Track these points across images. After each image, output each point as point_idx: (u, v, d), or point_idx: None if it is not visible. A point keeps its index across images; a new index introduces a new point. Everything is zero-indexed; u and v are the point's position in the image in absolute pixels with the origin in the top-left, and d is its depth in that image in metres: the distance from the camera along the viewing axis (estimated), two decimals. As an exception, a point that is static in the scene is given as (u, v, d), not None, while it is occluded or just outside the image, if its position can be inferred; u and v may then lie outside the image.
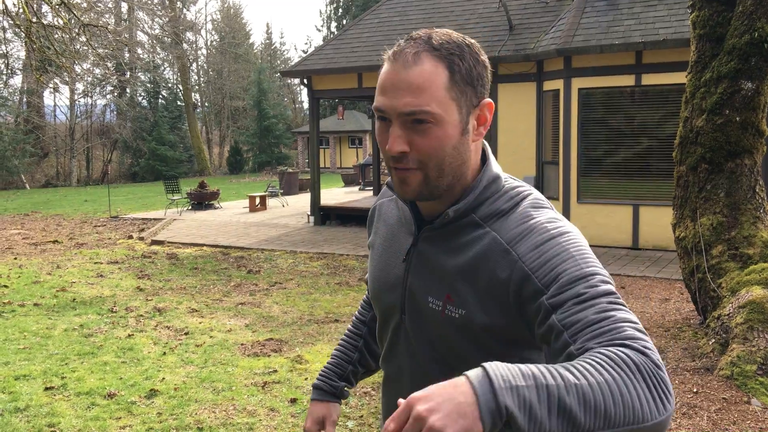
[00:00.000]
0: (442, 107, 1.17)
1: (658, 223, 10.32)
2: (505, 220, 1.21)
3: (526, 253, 1.15)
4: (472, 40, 1.24)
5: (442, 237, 1.27)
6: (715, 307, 5.70)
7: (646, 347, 0.97)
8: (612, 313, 1.03)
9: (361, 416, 4.47)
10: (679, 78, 9.31)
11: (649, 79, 10.42)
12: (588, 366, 0.93)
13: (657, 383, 0.94)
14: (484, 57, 1.24)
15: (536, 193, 1.27)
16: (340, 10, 42.49)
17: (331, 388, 1.69)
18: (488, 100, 1.24)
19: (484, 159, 1.29)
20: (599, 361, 0.94)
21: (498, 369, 0.91)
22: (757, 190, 5.98)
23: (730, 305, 5.32)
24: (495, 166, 1.28)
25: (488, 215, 1.23)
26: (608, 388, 0.91)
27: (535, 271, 1.12)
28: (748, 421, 4.19)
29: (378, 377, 5.16)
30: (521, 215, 1.20)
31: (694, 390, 4.69)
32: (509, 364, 0.93)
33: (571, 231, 1.17)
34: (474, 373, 0.91)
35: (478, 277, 1.20)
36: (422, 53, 1.18)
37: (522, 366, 0.92)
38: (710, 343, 5.36)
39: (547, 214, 1.20)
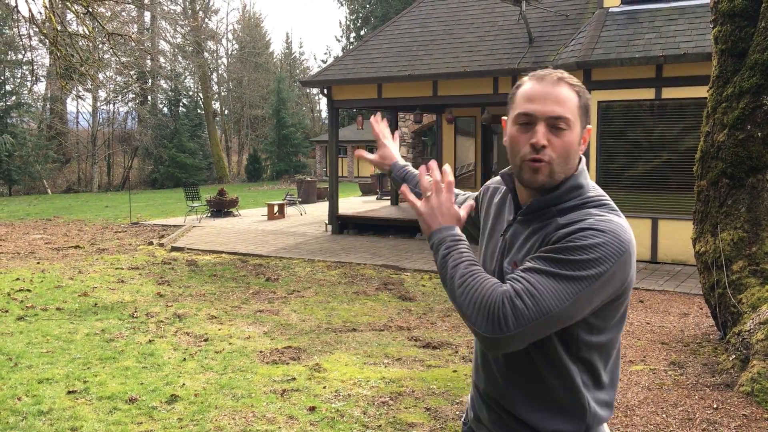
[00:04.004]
0: (574, 119, 1.62)
1: (677, 236, 10.27)
2: (572, 211, 1.60)
3: (566, 232, 1.54)
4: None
5: (527, 220, 1.68)
6: (735, 323, 5.67)
7: (512, 297, 1.48)
8: (530, 279, 1.51)
9: (379, 425, 4.50)
10: (700, 92, 9.28)
11: (669, 93, 10.40)
12: (476, 277, 1.55)
13: (490, 310, 1.48)
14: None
15: (610, 203, 1.64)
16: (360, 21, 42.71)
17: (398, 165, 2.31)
18: (589, 126, 1.68)
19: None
20: (481, 281, 1.54)
21: (447, 231, 1.64)
22: (778, 206, 5.94)
23: (751, 321, 5.29)
24: (582, 178, 1.65)
25: (564, 209, 1.62)
26: (463, 286, 1.54)
27: (551, 240, 1.56)
28: (769, 439, 4.16)
29: (389, 388, 5.18)
30: (584, 212, 1.59)
31: (714, 406, 4.67)
32: (458, 239, 1.63)
33: (615, 229, 1.54)
34: (445, 228, 1.65)
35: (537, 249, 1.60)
36: (562, 81, 1.63)
37: (460, 246, 1.62)
38: (730, 359, 5.32)
39: (605, 215, 1.58)
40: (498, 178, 1.89)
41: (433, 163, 1.73)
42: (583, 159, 1.70)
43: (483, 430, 1.81)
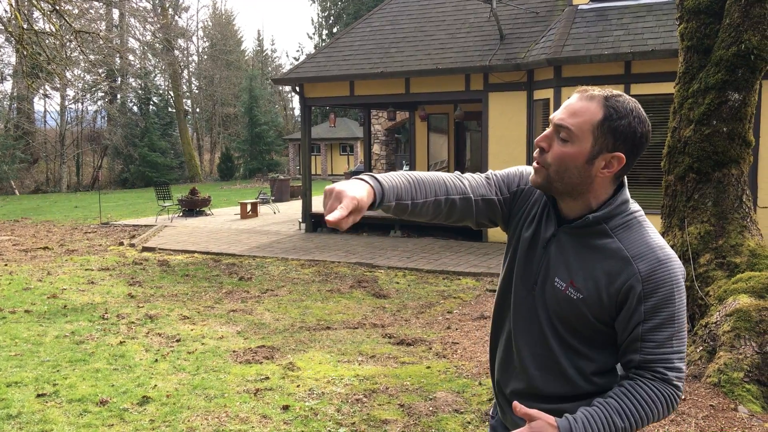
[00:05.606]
0: (581, 133, 1.57)
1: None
2: (629, 233, 1.62)
3: (646, 275, 1.56)
4: (644, 116, 1.61)
5: (577, 235, 1.66)
6: (702, 315, 5.76)
7: (680, 383, 1.57)
8: (674, 345, 1.58)
9: (353, 423, 4.50)
10: (667, 88, 9.41)
11: (637, 89, 10.53)
12: (635, 407, 1.56)
13: (672, 408, 1.58)
14: (643, 129, 1.60)
15: (640, 211, 1.68)
16: (332, 18, 42.60)
17: (380, 185, 1.66)
18: (620, 155, 1.59)
19: (621, 186, 1.67)
20: (645, 402, 1.56)
21: (576, 426, 1.53)
22: (743, 200, 6.06)
23: (718, 313, 5.38)
24: (627, 193, 1.66)
25: (616, 226, 1.63)
26: (639, 422, 1.57)
27: (647, 295, 1.57)
28: (735, 428, 4.25)
29: (362, 386, 5.19)
30: (640, 233, 1.62)
31: (682, 397, 4.74)
32: (585, 419, 1.55)
33: (672, 256, 1.59)
34: (563, 424, 1.53)
35: (600, 274, 1.61)
36: (597, 97, 1.60)
37: (594, 420, 1.55)
38: (698, 350, 5.42)
39: (652, 231, 1.64)
40: None
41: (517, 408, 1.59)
42: (625, 179, 1.67)
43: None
